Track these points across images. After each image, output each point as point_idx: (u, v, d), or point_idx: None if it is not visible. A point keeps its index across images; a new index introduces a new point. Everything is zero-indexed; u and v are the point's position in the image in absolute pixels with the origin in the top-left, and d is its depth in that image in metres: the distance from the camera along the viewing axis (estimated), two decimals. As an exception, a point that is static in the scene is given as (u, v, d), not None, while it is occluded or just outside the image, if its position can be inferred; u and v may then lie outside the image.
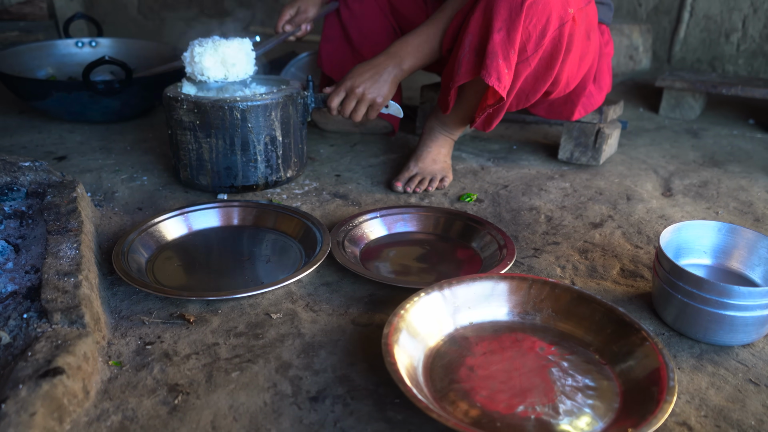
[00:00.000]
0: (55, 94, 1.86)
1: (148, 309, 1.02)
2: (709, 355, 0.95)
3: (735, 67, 2.71)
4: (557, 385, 0.85)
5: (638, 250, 1.27)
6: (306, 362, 0.91)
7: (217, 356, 0.91)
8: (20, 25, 2.88)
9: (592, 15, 1.37)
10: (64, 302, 0.89)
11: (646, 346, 0.87)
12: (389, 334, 0.87)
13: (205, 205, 1.32)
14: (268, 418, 0.80)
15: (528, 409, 0.80)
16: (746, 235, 1.08)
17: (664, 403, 0.77)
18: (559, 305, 0.99)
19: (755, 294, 0.90)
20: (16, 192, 1.25)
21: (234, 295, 1.02)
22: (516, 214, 1.42)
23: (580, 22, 1.31)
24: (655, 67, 2.84)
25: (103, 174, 1.58)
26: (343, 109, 1.43)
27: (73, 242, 1.04)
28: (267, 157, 1.44)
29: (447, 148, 1.59)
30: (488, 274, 1.02)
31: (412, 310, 0.93)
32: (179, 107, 1.37)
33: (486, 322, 0.98)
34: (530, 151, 1.85)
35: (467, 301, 0.99)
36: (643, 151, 1.89)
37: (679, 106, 2.28)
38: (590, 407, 0.81)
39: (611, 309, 0.94)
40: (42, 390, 0.73)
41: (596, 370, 0.88)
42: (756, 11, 2.58)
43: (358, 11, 1.75)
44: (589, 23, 1.36)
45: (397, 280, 1.11)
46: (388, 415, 0.81)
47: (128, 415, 0.79)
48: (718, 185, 1.62)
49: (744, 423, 0.81)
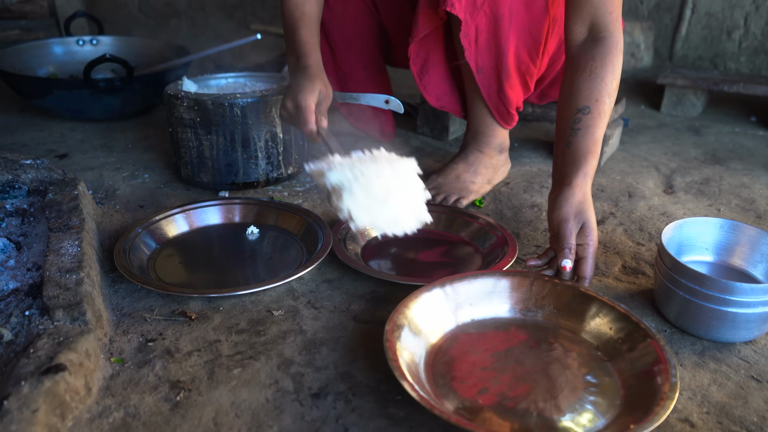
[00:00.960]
0: (56, 93, 1.86)
1: (150, 306, 1.02)
2: (711, 352, 0.95)
3: (737, 64, 2.70)
4: (559, 381, 0.85)
5: (640, 247, 1.27)
6: (308, 359, 0.91)
7: (219, 353, 0.91)
8: (21, 24, 2.88)
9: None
10: (65, 299, 0.89)
11: (647, 342, 0.87)
12: (390, 330, 0.87)
13: (206, 202, 1.32)
14: (269, 414, 0.80)
15: (530, 406, 0.80)
16: (748, 232, 1.08)
17: (666, 399, 0.77)
18: (561, 302, 0.99)
19: (757, 291, 0.90)
20: (18, 190, 1.25)
21: (235, 292, 1.02)
22: (517, 212, 1.42)
23: None
24: (656, 65, 2.84)
25: (104, 172, 1.58)
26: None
27: (75, 240, 1.05)
28: (268, 153, 1.43)
29: (479, 166, 1.45)
30: (490, 271, 1.02)
31: (414, 306, 0.93)
32: (180, 105, 1.37)
33: (488, 319, 0.98)
34: (531, 149, 1.85)
35: (469, 298, 0.99)
36: (644, 149, 1.89)
37: (680, 104, 2.27)
38: (592, 404, 0.81)
39: (613, 306, 0.95)
40: (44, 387, 0.73)
41: (598, 367, 0.88)
42: (758, 8, 2.57)
43: (340, 10, 1.66)
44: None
45: (398, 277, 1.11)
46: (390, 412, 0.81)
47: (130, 412, 0.79)
48: (719, 182, 1.62)
49: (746, 419, 0.81)
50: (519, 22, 1.29)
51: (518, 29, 1.30)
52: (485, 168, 1.47)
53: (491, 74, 1.35)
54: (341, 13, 1.67)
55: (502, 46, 1.29)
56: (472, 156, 1.47)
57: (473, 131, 1.47)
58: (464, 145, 1.50)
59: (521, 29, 1.30)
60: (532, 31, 1.31)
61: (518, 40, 1.31)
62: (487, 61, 1.33)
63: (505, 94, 1.36)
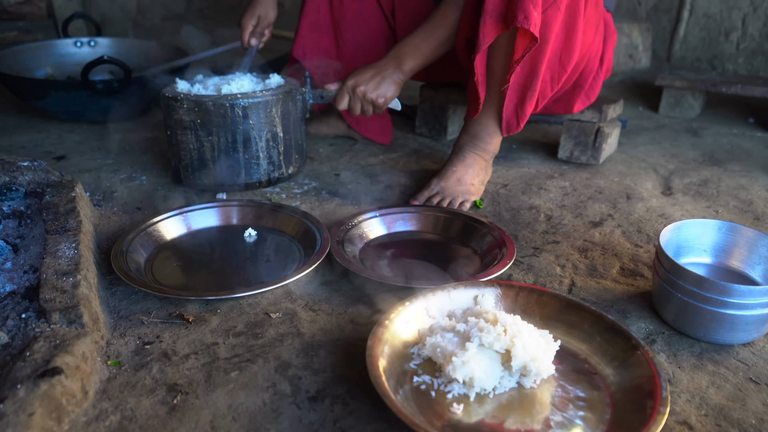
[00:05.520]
0: (53, 94, 1.86)
1: (147, 309, 1.02)
2: (710, 354, 0.95)
3: (735, 65, 2.70)
4: (545, 397, 0.83)
5: (638, 248, 1.27)
6: (305, 362, 0.90)
7: (216, 356, 0.91)
8: (19, 25, 2.87)
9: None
10: (62, 302, 0.89)
11: (637, 354, 0.85)
12: (374, 346, 0.84)
13: (204, 204, 1.32)
14: (267, 417, 0.80)
15: (518, 423, 0.78)
16: (746, 234, 1.08)
17: (657, 414, 0.75)
18: (547, 313, 0.97)
19: (755, 292, 0.90)
20: (15, 192, 1.25)
21: (233, 294, 1.02)
22: (516, 213, 1.42)
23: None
24: (654, 66, 2.84)
25: (101, 174, 1.57)
26: (351, 110, 1.46)
27: (72, 242, 1.04)
28: (269, 153, 1.43)
29: (476, 168, 1.48)
30: (474, 281, 1.01)
31: (397, 320, 0.91)
32: (179, 107, 1.36)
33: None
34: (530, 150, 1.85)
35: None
36: (642, 150, 1.89)
37: (678, 105, 2.28)
38: (581, 419, 0.79)
39: (600, 316, 0.93)
40: (40, 390, 0.73)
41: (586, 380, 0.86)
42: (756, 10, 2.58)
43: (356, 11, 1.72)
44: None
45: (396, 280, 1.11)
46: (388, 415, 0.80)
47: (127, 415, 0.79)
48: (718, 184, 1.62)
49: (744, 422, 0.81)
50: (556, 48, 1.36)
51: (552, 54, 1.37)
52: (481, 169, 1.50)
53: (517, 90, 1.39)
54: (355, 15, 1.72)
55: (537, 68, 1.35)
56: (470, 158, 1.48)
57: (471, 135, 1.48)
58: (460, 147, 1.51)
59: (554, 55, 1.38)
60: (562, 59, 1.39)
61: (549, 63, 1.38)
62: (519, 78, 1.37)
63: (524, 110, 1.41)
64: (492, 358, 0.84)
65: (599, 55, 1.54)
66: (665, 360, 0.93)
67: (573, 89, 1.57)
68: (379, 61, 1.44)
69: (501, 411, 0.80)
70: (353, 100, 1.44)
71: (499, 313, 0.89)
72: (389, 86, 1.43)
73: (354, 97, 1.43)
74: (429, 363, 0.88)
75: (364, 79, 1.41)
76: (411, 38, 1.43)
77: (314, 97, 1.48)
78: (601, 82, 1.61)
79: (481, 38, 1.27)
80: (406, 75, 1.45)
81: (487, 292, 0.99)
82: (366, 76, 1.42)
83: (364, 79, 1.41)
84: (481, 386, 0.82)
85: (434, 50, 1.44)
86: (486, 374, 0.83)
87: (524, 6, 1.21)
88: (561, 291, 1.10)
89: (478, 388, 0.82)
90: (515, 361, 0.82)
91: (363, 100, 1.43)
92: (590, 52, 1.48)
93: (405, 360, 0.88)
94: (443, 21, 1.41)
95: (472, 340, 0.84)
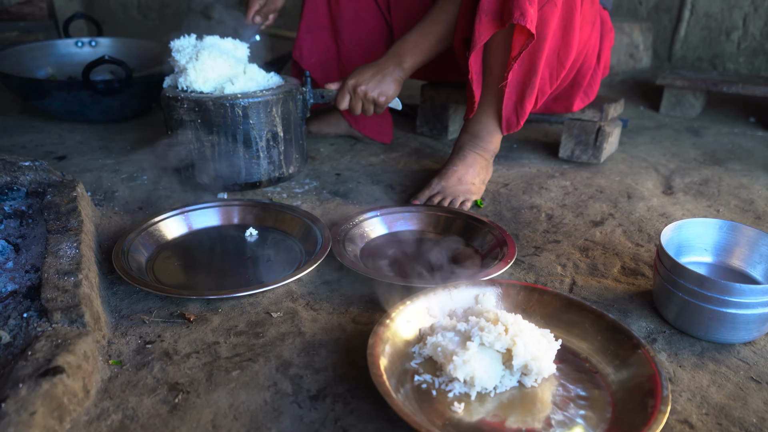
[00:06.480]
0: (54, 94, 1.86)
1: (149, 308, 1.02)
2: (711, 353, 0.95)
3: (736, 65, 2.70)
4: (546, 396, 0.83)
5: (639, 248, 1.27)
6: (306, 361, 0.90)
7: (218, 355, 0.91)
8: (20, 25, 2.88)
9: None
10: (64, 301, 0.89)
11: (638, 353, 0.85)
12: (375, 345, 0.85)
13: (205, 204, 1.32)
14: (268, 416, 0.80)
15: (519, 422, 0.78)
16: (747, 233, 1.08)
17: (658, 413, 0.75)
18: (548, 312, 0.97)
19: (756, 291, 0.90)
20: (16, 191, 1.25)
21: (234, 293, 1.02)
22: (517, 213, 1.42)
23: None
24: (655, 66, 2.84)
25: (103, 173, 1.58)
26: (352, 110, 1.46)
27: (73, 241, 1.04)
28: (269, 153, 1.44)
29: (477, 167, 1.48)
30: (475, 281, 1.01)
31: (398, 319, 0.92)
32: (179, 107, 1.36)
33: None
34: (531, 150, 1.85)
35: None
36: (643, 150, 1.89)
37: (679, 105, 2.27)
38: (582, 418, 0.79)
39: (601, 315, 0.93)
40: (42, 389, 0.73)
41: (587, 379, 0.86)
42: (757, 9, 2.58)
43: (352, 10, 1.72)
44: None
45: (397, 279, 1.11)
46: (389, 414, 0.80)
47: (128, 414, 0.79)
48: (719, 183, 1.62)
49: (745, 421, 0.81)
50: (553, 44, 1.36)
51: (550, 51, 1.37)
52: (482, 168, 1.49)
53: (516, 87, 1.39)
54: (352, 14, 1.72)
55: (536, 65, 1.35)
56: (470, 157, 1.48)
57: (471, 134, 1.48)
58: (460, 146, 1.51)
59: (552, 51, 1.37)
60: (560, 55, 1.39)
61: (547, 60, 1.37)
62: (518, 75, 1.37)
63: (523, 108, 1.41)
64: (493, 357, 0.84)
65: (596, 52, 1.54)
66: (666, 359, 0.93)
67: (572, 87, 1.58)
68: (378, 59, 1.44)
69: (502, 410, 0.80)
70: (354, 100, 1.44)
71: (500, 313, 0.89)
72: (390, 84, 1.43)
73: (355, 97, 1.43)
74: (430, 362, 0.88)
75: (364, 78, 1.42)
76: (410, 35, 1.43)
77: (315, 97, 1.48)
78: (600, 80, 1.61)
79: (477, 36, 1.27)
80: (407, 72, 1.45)
81: (488, 292, 0.99)
82: (366, 75, 1.42)
83: (364, 78, 1.41)
84: (482, 385, 0.82)
85: (434, 47, 1.44)
86: (487, 373, 0.83)
87: (520, 3, 1.20)
88: (562, 290, 1.10)
89: (479, 387, 0.82)
90: (516, 360, 0.83)
91: (364, 99, 1.43)
92: (587, 48, 1.48)
93: (406, 359, 0.88)
94: (442, 17, 1.41)
95: (473, 339, 0.84)
